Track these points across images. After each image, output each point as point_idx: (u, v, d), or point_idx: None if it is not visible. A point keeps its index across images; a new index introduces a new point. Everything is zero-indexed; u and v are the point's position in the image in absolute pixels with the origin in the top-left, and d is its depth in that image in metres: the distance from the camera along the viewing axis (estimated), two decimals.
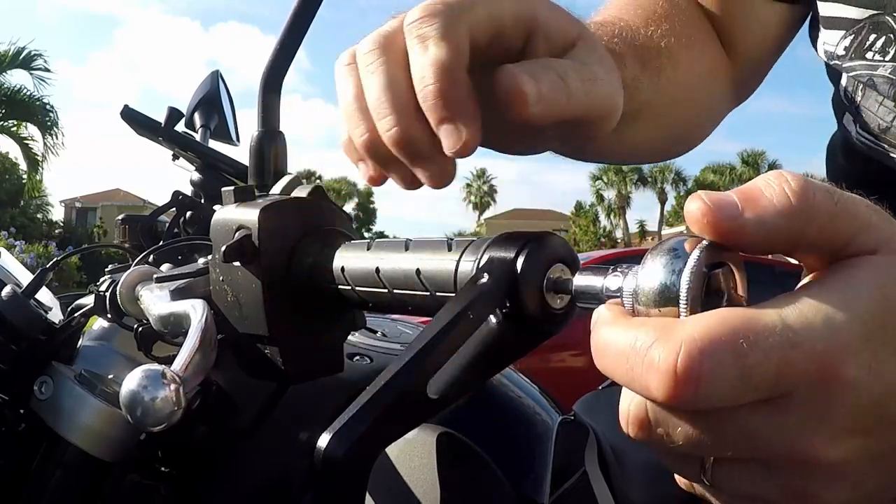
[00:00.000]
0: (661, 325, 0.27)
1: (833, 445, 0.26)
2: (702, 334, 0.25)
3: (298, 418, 0.63)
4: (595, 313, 0.30)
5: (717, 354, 0.25)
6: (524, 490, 0.64)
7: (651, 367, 0.26)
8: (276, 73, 0.61)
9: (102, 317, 0.61)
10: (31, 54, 15.23)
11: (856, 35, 0.62)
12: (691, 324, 0.26)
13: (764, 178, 0.28)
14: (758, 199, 0.27)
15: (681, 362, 0.25)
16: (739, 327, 0.25)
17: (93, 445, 0.58)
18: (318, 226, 0.49)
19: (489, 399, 0.71)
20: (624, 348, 0.27)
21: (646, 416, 0.28)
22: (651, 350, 0.26)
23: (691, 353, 0.25)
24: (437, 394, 0.33)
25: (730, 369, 0.25)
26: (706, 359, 0.25)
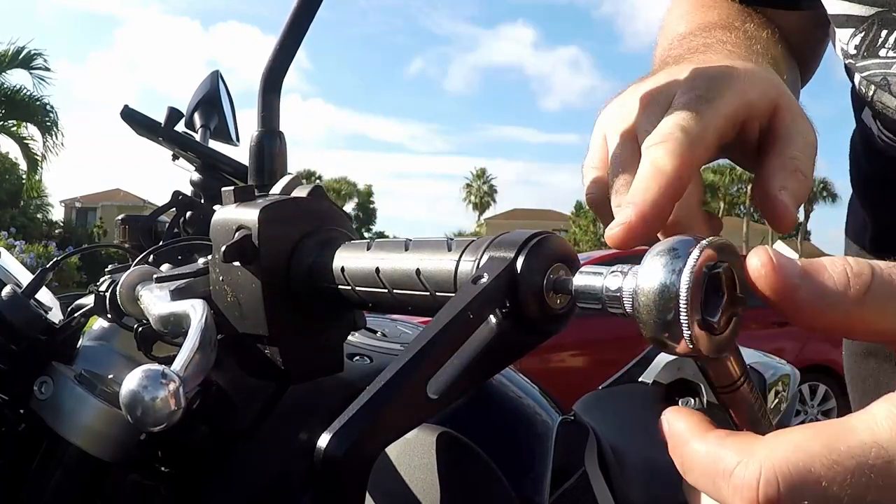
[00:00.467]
0: (744, 444, 0.27)
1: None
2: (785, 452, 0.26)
3: (298, 418, 0.63)
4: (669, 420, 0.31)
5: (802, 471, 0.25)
6: (524, 490, 0.64)
7: (737, 490, 0.26)
8: (276, 73, 0.61)
9: (102, 317, 0.61)
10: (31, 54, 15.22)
11: (866, 32, 0.61)
12: (774, 442, 0.26)
13: (830, 258, 0.29)
14: (819, 271, 0.28)
15: (763, 479, 0.25)
16: (829, 441, 0.25)
17: (93, 445, 0.58)
18: (318, 226, 0.49)
19: (489, 399, 0.71)
20: (709, 469, 0.28)
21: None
22: (735, 474, 0.26)
23: (769, 470, 0.25)
24: (437, 394, 0.33)
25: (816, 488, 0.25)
26: (789, 476, 0.25)
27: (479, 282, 0.34)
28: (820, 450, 0.25)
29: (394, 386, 0.31)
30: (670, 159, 0.37)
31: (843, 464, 0.25)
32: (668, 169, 0.37)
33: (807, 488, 0.25)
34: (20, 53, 15.11)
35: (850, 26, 0.62)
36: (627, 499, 0.67)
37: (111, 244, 0.85)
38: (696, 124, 0.38)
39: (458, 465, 0.59)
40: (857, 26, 0.61)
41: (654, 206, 0.36)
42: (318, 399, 0.63)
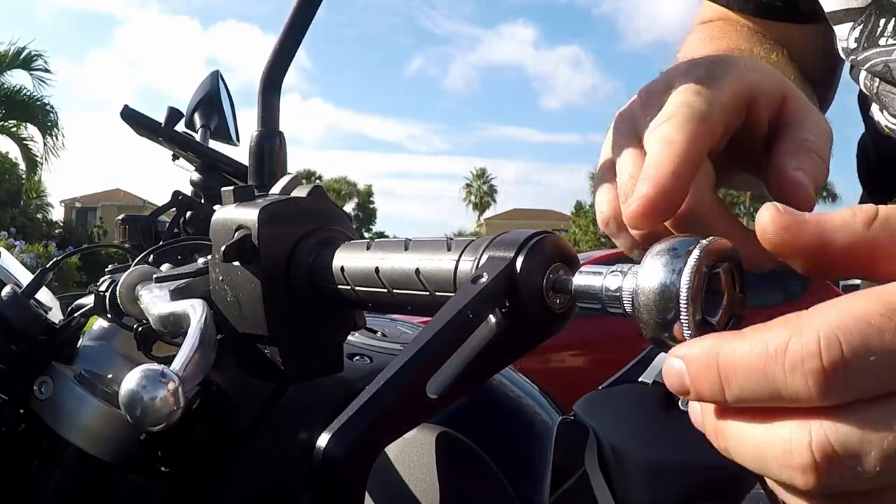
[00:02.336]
0: (789, 320, 0.25)
1: None
2: (838, 312, 0.24)
3: (298, 418, 0.63)
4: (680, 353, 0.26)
5: (861, 325, 0.23)
6: (524, 490, 0.63)
7: (797, 364, 0.23)
8: (275, 73, 0.61)
9: (102, 317, 0.61)
10: (31, 54, 15.24)
11: (864, 23, 0.60)
12: (823, 308, 0.24)
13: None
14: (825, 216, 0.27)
15: (824, 342, 0.23)
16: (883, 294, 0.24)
17: (93, 445, 0.58)
18: (318, 226, 0.49)
19: (489, 399, 0.71)
20: (757, 361, 0.24)
21: (832, 449, 0.23)
22: (790, 349, 0.24)
23: (829, 332, 0.23)
24: (437, 393, 0.33)
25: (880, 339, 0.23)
26: (849, 333, 0.23)
27: (479, 281, 0.34)
28: (875, 304, 0.23)
29: (393, 386, 0.31)
30: (678, 131, 0.35)
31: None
32: (679, 139, 0.35)
33: (871, 343, 0.23)
34: (20, 54, 15.12)
35: (849, 20, 0.62)
36: (627, 499, 0.67)
37: (111, 244, 0.85)
38: (700, 100, 0.37)
39: (457, 465, 0.59)
40: (854, 19, 0.61)
41: (672, 175, 0.34)
42: (318, 399, 0.63)
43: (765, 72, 0.40)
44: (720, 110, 0.37)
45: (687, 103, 0.37)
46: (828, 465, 0.23)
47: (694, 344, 0.26)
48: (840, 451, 0.23)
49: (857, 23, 0.61)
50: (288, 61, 0.61)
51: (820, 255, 0.27)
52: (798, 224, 0.27)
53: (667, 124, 0.36)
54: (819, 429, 0.24)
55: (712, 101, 0.37)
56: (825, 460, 0.23)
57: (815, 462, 0.24)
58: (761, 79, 0.39)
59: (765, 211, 0.27)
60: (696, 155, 0.35)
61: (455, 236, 0.42)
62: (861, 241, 0.26)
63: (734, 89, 0.38)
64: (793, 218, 0.27)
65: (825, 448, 0.23)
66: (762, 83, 0.39)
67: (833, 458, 0.23)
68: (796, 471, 0.24)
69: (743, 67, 0.40)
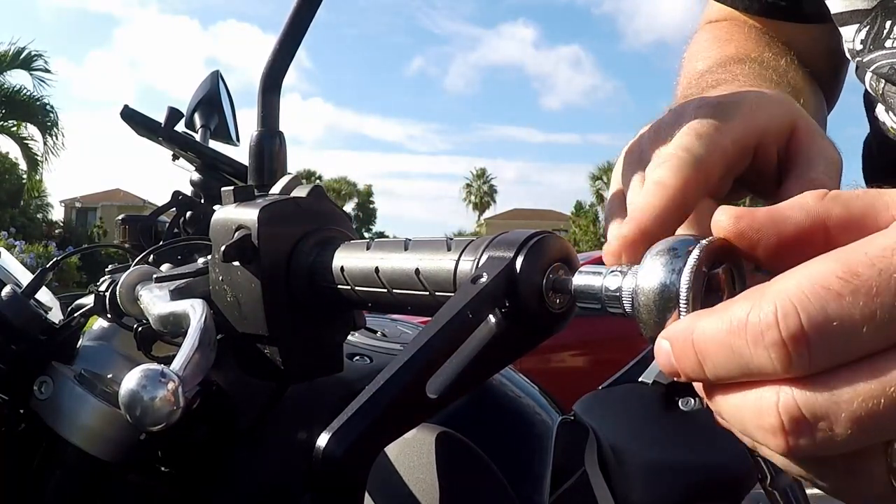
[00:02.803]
0: (751, 292, 0.24)
1: None
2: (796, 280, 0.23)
3: (298, 418, 0.63)
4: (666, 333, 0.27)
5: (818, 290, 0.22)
6: (524, 490, 0.63)
7: (757, 337, 0.23)
8: (275, 72, 0.61)
9: (102, 317, 0.61)
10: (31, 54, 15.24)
11: (870, 25, 0.60)
12: (783, 277, 0.24)
13: None
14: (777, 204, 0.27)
15: (781, 314, 0.22)
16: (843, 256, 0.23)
17: (93, 445, 0.58)
18: (318, 226, 0.49)
19: (489, 399, 0.71)
20: (724, 337, 0.24)
21: (799, 411, 0.23)
22: (749, 318, 0.23)
23: (785, 301, 0.22)
24: (437, 393, 0.33)
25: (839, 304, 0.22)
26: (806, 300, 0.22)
27: (479, 281, 0.34)
28: (835, 266, 0.23)
29: (393, 386, 0.31)
30: (671, 174, 0.36)
31: (865, 273, 0.22)
32: (670, 183, 0.36)
33: (831, 309, 0.22)
34: (20, 54, 15.12)
35: (854, 22, 0.62)
36: (627, 499, 0.67)
37: (111, 244, 0.85)
38: (699, 145, 0.37)
39: (457, 465, 0.59)
40: (860, 20, 0.61)
41: (655, 220, 0.35)
42: (318, 399, 0.63)
43: (773, 107, 0.41)
44: (720, 156, 0.38)
45: (685, 148, 0.37)
46: (797, 428, 0.23)
47: (678, 323, 0.26)
48: (808, 415, 0.23)
49: (863, 24, 0.61)
50: (288, 61, 0.61)
51: (776, 238, 0.27)
52: (749, 212, 0.27)
53: (662, 167, 0.37)
54: (788, 392, 0.23)
55: (713, 148, 0.37)
56: (793, 423, 0.23)
57: (782, 424, 0.23)
58: (768, 119, 0.40)
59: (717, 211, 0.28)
60: (685, 200, 0.36)
61: (455, 236, 0.42)
62: (814, 215, 0.26)
63: (739, 135, 0.38)
64: (742, 209, 0.27)
65: (792, 411, 0.23)
66: (770, 122, 0.40)
67: (801, 421, 0.23)
68: (768, 433, 0.24)
69: (750, 108, 0.40)
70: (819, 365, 0.23)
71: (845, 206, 0.26)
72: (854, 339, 0.22)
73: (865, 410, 0.22)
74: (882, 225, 0.25)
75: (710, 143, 0.37)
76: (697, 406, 0.69)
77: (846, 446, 0.23)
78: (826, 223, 0.26)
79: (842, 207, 0.26)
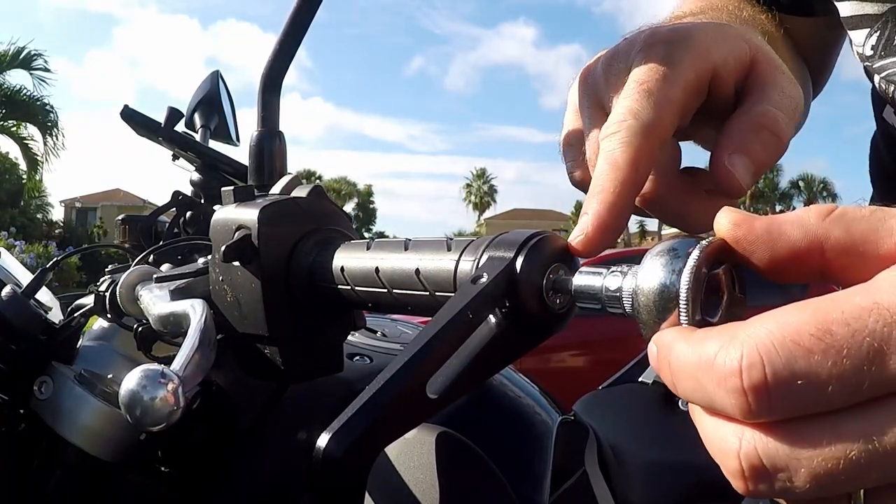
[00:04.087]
0: (726, 330, 0.24)
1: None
2: (769, 328, 0.23)
3: (298, 418, 0.63)
4: (656, 338, 0.27)
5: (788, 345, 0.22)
6: (524, 490, 0.64)
7: (721, 381, 0.23)
8: (275, 72, 0.61)
9: (102, 317, 0.61)
10: (31, 54, 15.24)
11: (881, 31, 0.60)
12: (758, 321, 0.23)
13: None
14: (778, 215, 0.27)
15: (745, 363, 0.22)
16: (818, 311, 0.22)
17: (93, 445, 0.58)
18: (318, 226, 0.49)
19: (489, 399, 0.71)
20: (693, 369, 0.24)
21: (759, 461, 0.23)
22: (716, 360, 0.23)
23: (752, 350, 0.22)
24: (437, 393, 0.33)
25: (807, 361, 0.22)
26: (774, 353, 0.22)
27: (479, 281, 0.34)
28: (809, 320, 0.22)
29: (393, 386, 0.31)
30: (623, 150, 0.36)
31: (837, 333, 0.22)
32: (622, 161, 0.36)
33: (797, 366, 0.22)
34: (20, 54, 15.12)
35: (865, 26, 0.61)
36: (627, 499, 0.67)
37: (111, 244, 0.85)
38: (648, 106, 0.36)
39: (457, 465, 0.59)
40: (871, 26, 0.61)
41: (610, 209, 0.35)
42: (318, 399, 0.63)
43: (730, 41, 0.39)
44: (671, 111, 0.37)
45: (634, 113, 0.37)
46: (755, 476, 0.23)
47: (663, 334, 0.26)
48: (768, 465, 0.23)
49: (874, 30, 0.60)
50: (288, 61, 0.61)
51: (772, 250, 0.27)
52: (748, 220, 0.27)
53: (614, 139, 0.36)
54: (749, 440, 0.23)
55: (663, 104, 0.37)
56: (752, 471, 0.23)
57: (741, 470, 0.23)
58: (724, 55, 0.38)
59: (719, 213, 0.28)
60: (643, 169, 0.36)
61: (455, 236, 0.42)
62: (813, 234, 0.26)
63: (691, 77, 0.38)
64: (744, 216, 0.27)
65: (752, 460, 0.23)
66: (726, 57, 0.38)
67: (760, 470, 0.23)
68: (730, 473, 0.24)
69: (704, 42, 0.39)
70: (779, 416, 0.23)
71: (846, 230, 0.25)
72: (818, 396, 0.22)
73: (825, 469, 0.22)
74: (882, 252, 0.25)
75: (659, 100, 0.37)
76: None
77: (804, 497, 0.23)
78: (823, 245, 0.26)
79: (842, 231, 0.25)
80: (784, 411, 0.22)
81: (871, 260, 0.25)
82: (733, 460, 0.24)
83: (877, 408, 0.22)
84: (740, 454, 0.23)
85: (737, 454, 0.23)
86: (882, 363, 0.21)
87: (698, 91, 0.38)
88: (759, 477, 0.23)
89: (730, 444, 0.24)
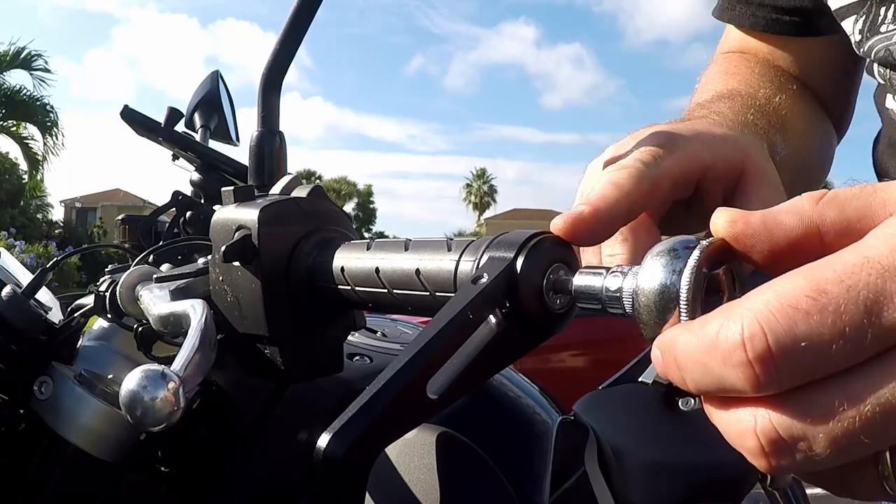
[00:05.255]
0: (724, 309, 0.24)
1: None
2: (766, 298, 0.23)
3: (298, 418, 0.63)
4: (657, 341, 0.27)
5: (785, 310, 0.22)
6: (524, 490, 0.64)
7: (726, 357, 0.23)
8: (276, 72, 0.61)
9: (102, 317, 0.61)
10: (31, 54, 15.24)
11: (866, 15, 0.62)
12: (754, 294, 0.23)
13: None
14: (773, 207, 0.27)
15: (747, 334, 0.22)
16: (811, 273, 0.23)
17: (93, 445, 0.58)
18: (318, 226, 0.49)
19: (489, 399, 0.71)
20: (698, 353, 0.24)
21: (777, 434, 0.23)
22: (719, 338, 0.23)
23: (752, 322, 0.22)
24: (437, 394, 0.33)
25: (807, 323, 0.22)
26: (773, 320, 0.22)
27: (479, 282, 0.34)
28: (804, 283, 0.23)
29: (393, 386, 0.31)
30: (627, 179, 0.39)
31: (832, 291, 0.22)
32: (624, 185, 0.39)
33: (797, 329, 0.22)
34: (20, 54, 15.12)
35: (852, 14, 0.63)
36: (627, 499, 0.67)
37: (111, 244, 0.85)
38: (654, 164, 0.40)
39: (457, 465, 0.59)
40: (857, 12, 0.62)
41: (608, 205, 0.38)
42: (318, 399, 0.63)
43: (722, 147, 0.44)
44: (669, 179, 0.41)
45: (643, 161, 0.40)
46: (776, 450, 0.23)
47: (667, 334, 0.27)
48: (786, 436, 0.23)
49: (860, 14, 0.62)
50: (288, 61, 0.61)
51: (770, 241, 0.27)
52: (744, 216, 0.28)
53: (621, 171, 0.40)
54: (763, 415, 0.23)
55: (665, 170, 0.41)
56: (772, 445, 0.23)
57: (762, 447, 0.24)
58: (713, 158, 0.43)
59: (715, 214, 0.29)
60: (632, 204, 0.39)
61: (455, 236, 0.42)
62: (809, 220, 0.26)
63: (685, 166, 0.42)
64: (739, 213, 0.28)
65: (770, 434, 0.23)
66: (716, 162, 0.43)
67: (780, 443, 0.23)
68: (750, 454, 0.24)
69: (697, 143, 0.43)
70: (789, 384, 0.23)
71: (840, 210, 0.26)
72: (823, 357, 0.22)
73: (842, 430, 0.22)
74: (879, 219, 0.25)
75: (663, 165, 0.41)
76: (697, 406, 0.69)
77: (828, 463, 0.23)
78: (820, 228, 0.26)
79: (837, 211, 0.26)
80: (793, 378, 0.22)
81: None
82: (751, 439, 0.24)
83: (882, 361, 0.22)
84: (757, 431, 0.23)
85: (753, 431, 0.24)
86: (880, 314, 0.22)
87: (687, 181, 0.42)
88: (779, 451, 0.23)
89: (746, 425, 0.24)
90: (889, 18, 0.60)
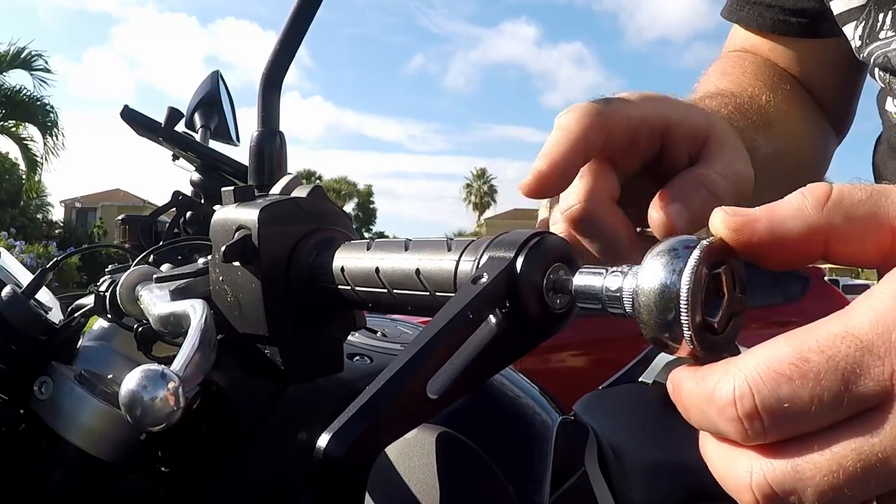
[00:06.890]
0: (722, 365, 0.26)
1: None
2: (756, 361, 0.25)
3: (298, 418, 0.63)
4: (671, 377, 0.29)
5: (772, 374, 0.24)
6: (524, 490, 0.64)
7: (720, 411, 0.26)
8: (276, 72, 0.61)
9: (102, 317, 0.61)
10: (32, 55, 15.23)
11: (866, 20, 0.62)
12: (747, 355, 0.26)
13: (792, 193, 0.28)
14: (776, 208, 0.28)
15: (738, 394, 0.25)
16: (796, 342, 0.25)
17: (93, 445, 0.58)
18: (318, 226, 0.49)
19: (489, 399, 0.71)
20: (699, 401, 0.27)
21: (770, 488, 0.26)
22: (715, 393, 0.26)
23: (742, 382, 0.25)
24: (437, 394, 0.33)
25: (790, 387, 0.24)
26: (760, 383, 0.25)
27: (479, 282, 0.34)
28: (788, 350, 0.25)
29: (393, 386, 0.31)
30: (574, 120, 0.39)
31: (813, 360, 0.24)
32: (572, 127, 0.39)
33: (781, 391, 0.24)
34: (20, 54, 15.11)
35: (853, 19, 0.64)
36: (627, 499, 0.67)
37: (111, 244, 0.85)
38: (605, 103, 0.41)
39: (457, 465, 0.59)
40: (857, 17, 0.63)
41: (563, 154, 0.38)
42: (318, 399, 0.63)
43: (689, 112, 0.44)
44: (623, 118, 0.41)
45: (592, 102, 0.41)
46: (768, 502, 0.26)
47: (676, 373, 0.29)
48: (778, 490, 0.25)
49: (860, 20, 0.63)
50: (288, 61, 0.61)
51: (776, 248, 0.28)
52: (748, 223, 0.28)
53: (566, 115, 0.40)
54: (758, 468, 0.26)
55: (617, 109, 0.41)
56: (765, 498, 0.26)
57: (756, 500, 0.26)
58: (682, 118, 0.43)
59: (714, 216, 0.29)
60: (592, 139, 0.39)
61: (455, 236, 0.42)
62: (815, 227, 0.27)
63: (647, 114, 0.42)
64: (742, 219, 0.28)
65: (763, 488, 0.26)
66: (681, 121, 0.43)
67: (772, 496, 0.25)
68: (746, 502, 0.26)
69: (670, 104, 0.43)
70: (775, 436, 0.25)
71: (847, 217, 0.27)
72: (804, 416, 0.24)
73: (828, 484, 0.24)
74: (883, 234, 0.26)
75: (615, 105, 0.41)
76: None
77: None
78: (825, 233, 0.27)
79: (843, 218, 0.27)
80: (779, 431, 0.25)
81: (872, 242, 0.27)
82: (747, 493, 0.26)
83: (860, 421, 0.24)
84: (752, 485, 0.26)
85: (749, 487, 0.26)
86: (857, 383, 0.24)
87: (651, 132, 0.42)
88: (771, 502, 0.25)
89: (743, 476, 0.26)
90: (888, 25, 0.60)
